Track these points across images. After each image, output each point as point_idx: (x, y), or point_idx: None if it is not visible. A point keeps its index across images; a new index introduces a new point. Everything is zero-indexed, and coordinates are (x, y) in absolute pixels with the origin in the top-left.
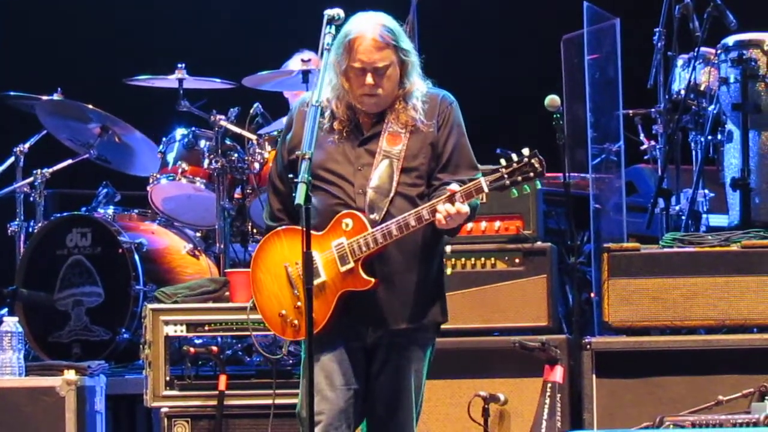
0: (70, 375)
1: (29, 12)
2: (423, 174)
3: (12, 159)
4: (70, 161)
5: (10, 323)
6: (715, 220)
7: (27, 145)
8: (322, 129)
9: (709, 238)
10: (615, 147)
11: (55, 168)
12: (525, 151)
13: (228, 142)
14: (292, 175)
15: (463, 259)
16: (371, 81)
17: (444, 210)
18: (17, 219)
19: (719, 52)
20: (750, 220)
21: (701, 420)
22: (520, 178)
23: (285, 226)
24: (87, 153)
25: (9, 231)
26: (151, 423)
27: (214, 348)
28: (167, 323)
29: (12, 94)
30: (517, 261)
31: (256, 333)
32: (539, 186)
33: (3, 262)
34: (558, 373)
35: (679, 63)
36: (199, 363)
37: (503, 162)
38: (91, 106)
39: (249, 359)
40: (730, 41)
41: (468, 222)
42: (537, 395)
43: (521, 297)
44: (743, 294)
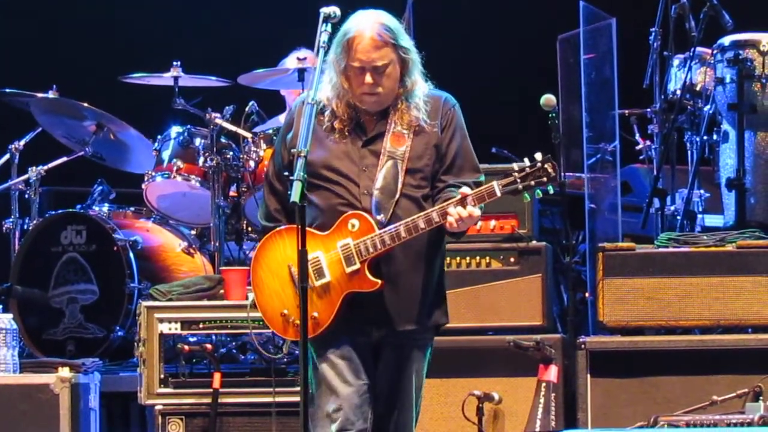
0: (64, 372)
1: (24, 9)
2: (427, 175)
3: (7, 156)
4: (65, 159)
5: (4, 320)
6: (711, 220)
7: (22, 143)
8: (322, 128)
9: (705, 238)
10: (610, 147)
11: (50, 165)
12: (538, 156)
13: (223, 140)
14: (287, 173)
15: (458, 258)
16: (370, 80)
17: (456, 213)
18: (12, 216)
19: (715, 52)
20: (745, 220)
21: (696, 420)
22: (533, 182)
23: (283, 226)
24: (82, 150)
25: (4, 228)
26: (145, 420)
27: (208, 346)
28: (162, 321)
29: (7, 91)
30: (512, 260)
31: (254, 331)
32: (552, 191)
33: None
34: (552, 373)
35: (675, 63)
36: (194, 361)
37: (515, 166)
38: (87, 104)
39: (243, 357)
40: (726, 41)
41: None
42: (531, 394)
43: (516, 296)
44: (738, 294)
